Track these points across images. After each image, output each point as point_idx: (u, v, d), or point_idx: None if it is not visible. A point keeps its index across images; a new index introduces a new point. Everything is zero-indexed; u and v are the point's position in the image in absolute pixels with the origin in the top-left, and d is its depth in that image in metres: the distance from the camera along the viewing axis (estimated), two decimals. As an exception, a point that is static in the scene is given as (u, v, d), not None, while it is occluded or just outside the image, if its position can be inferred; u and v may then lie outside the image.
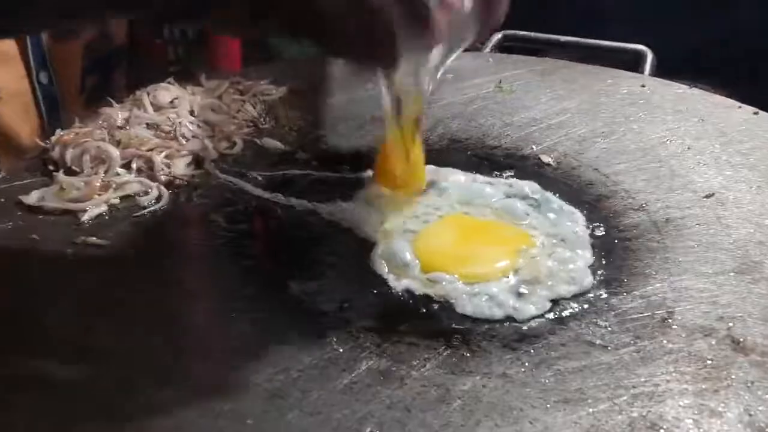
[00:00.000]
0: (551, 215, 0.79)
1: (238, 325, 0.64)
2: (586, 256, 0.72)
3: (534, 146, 0.93)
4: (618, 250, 0.73)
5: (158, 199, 0.82)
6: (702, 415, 0.55)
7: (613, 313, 0.65)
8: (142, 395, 0.57)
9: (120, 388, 0.58)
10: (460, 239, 0.76)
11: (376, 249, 0.73)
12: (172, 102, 0.97)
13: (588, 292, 0.68)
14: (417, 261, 0.71)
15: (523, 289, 0.68)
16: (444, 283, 0.68)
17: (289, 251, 0.75)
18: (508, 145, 0.94)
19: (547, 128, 0.97)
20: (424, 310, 0.66)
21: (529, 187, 0.83)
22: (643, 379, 0.57)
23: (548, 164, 0.89)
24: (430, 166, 0.87)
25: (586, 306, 0.66)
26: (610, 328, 0.63)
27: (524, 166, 0.89)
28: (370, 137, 0.98)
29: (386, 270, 0.71)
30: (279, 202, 0.82)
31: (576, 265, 0.70)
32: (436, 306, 0.67)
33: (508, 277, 0.69)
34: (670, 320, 0.63)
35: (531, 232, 0.76)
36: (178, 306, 0.66)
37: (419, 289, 0.68)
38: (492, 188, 0.83)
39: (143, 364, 0.60)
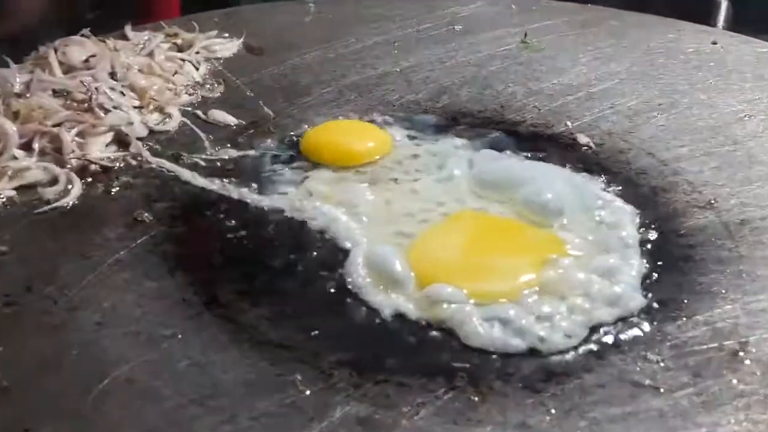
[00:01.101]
0: (591, 213, 0.79)
1: (172, 359, 0.64)
2: (636, 268, 0.73)
3: (569, 122, 0.94)
4: (677, 261, 0.74)
5: (68, 190, 0.82)
6: (780, 476, 0.56)
7: (668, 344, 0.65)
8: (43, 449, 0.57)
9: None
10: (469, 245, 0.76)
11: (354, 258, 0.74)
12: (87, 61, 0.97)
13: (636, 316, 0.68)
14: (411, 273, 0.72)
15: (550, 313, 0.68)
16: (446, 304, 0.69)
17: (239, 261, 0.76)
18: (535, 121, 0.95)
19: (586, 98, 0.98)
20: (419, 340, 0.67)
21: (562, 175, 0.84)
22: (704, 430, 0.58)
23: (587, 146, 0.90)
24: (436, 145, 0.89)
25: (633, 335, 0.67)
26: (663, 364, 0.63)
27: (556, 147, 0.90)
28: (351, 107, 0.99)
29: (369, 286, 0.71)
30: (228, 195, 0.83)
31: (621, 281, 0.71)
32: (434, 334, 0.67)
33: (531, 296, 0.70)
34: (742, 353, 0.64)
35: (563, 235, 0.77)
36: (92, 333, 0.66)
37: (413, 311, 0.69)
38: (513, 175, 0.84)
39: (45, 408, 0.60)
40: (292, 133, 0.93)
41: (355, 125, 0.95)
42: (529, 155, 0.89)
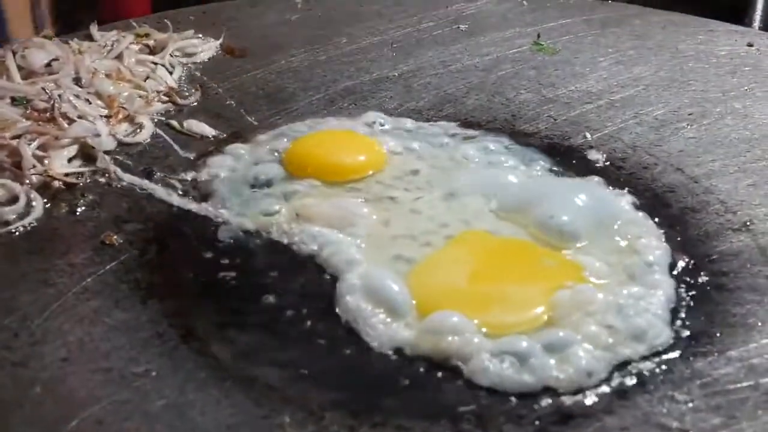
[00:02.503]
0: (613, 236, 0.80)
1: (146, 399, 0.64)
2: (663, 297, 0.74)
3: (588, 133, 0.95)
4: (709, 290, 0.75)
5: (28, 210, 0.83)
6: None
7: (698, 382, 0.66)
8: None
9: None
10: (477, 270, 0.77)
11: (347, 285, 0.74)
12: (49, 65, 0.98)
13: (664, 352, 0.69)
14: (412, 302, 0.72)
15: (567, 347, 0.68)
16: (451, 336, 0.69)
17: (219, 290, 0.76)
18: (551, 132, 0.96)
19: (607, 107, 0.99)
20: (420, 378, 0.67)
21: (580, 193, 0.85)
22: (739, 479, 0.59)
23: (605, 162, 0.91)
24: (439, 159, 0.89)
25: (659, 372, 0.67)
26: (693, 405, 0.64)
27: (573, 162, 0.91)
28: (344, 115, 0.99)
29: (364, 317, 0.72)
30: (206, 215, 0.84)
31: (647, 312, 0.72)
32: (438, 372, 0.68)
33: (545, 328, 0.70)
34: (780, 393, 0.65)
35: (582, 259, 0.77)
36: (57, 370, 0.66)
37: (413, 345, 0.69)
38: (526, 193, 0.85)
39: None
40: (276, 145, 0.94)
41: (346, 136, 0.96)
42: (544, 170, 0.90)
